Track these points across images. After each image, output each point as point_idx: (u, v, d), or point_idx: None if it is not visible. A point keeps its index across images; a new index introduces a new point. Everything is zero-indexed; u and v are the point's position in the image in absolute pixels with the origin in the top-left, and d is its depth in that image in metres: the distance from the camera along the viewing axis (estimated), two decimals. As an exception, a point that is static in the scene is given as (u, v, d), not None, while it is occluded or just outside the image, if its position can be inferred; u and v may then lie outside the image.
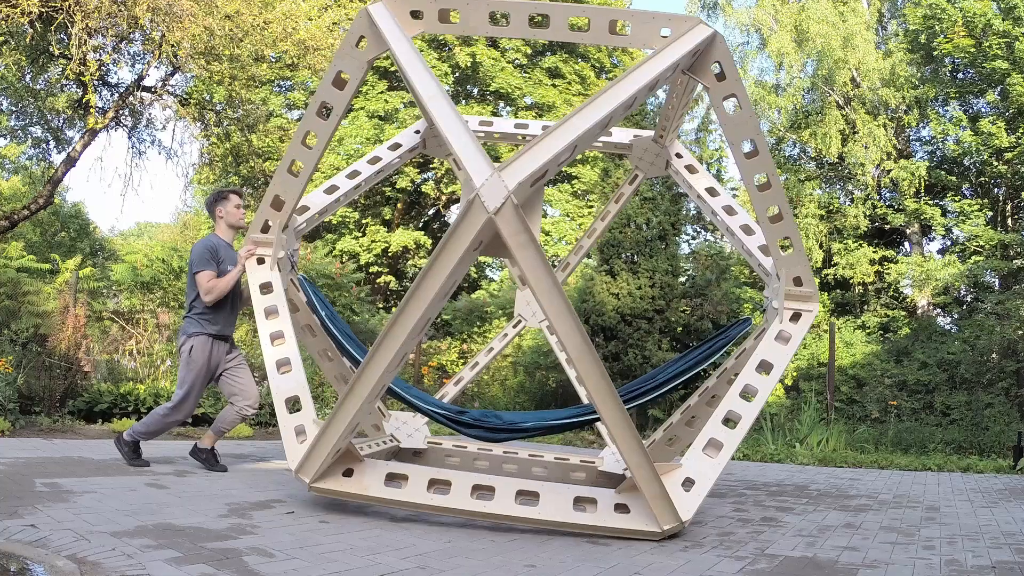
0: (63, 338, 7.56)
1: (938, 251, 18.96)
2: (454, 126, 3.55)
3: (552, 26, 4.34)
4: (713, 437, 4.00)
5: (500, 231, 3.30)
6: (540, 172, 3.40)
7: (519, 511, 3.78)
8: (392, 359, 3.60)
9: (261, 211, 4.92)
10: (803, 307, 4.53)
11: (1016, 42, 14.97)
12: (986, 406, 10.92)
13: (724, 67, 4.11)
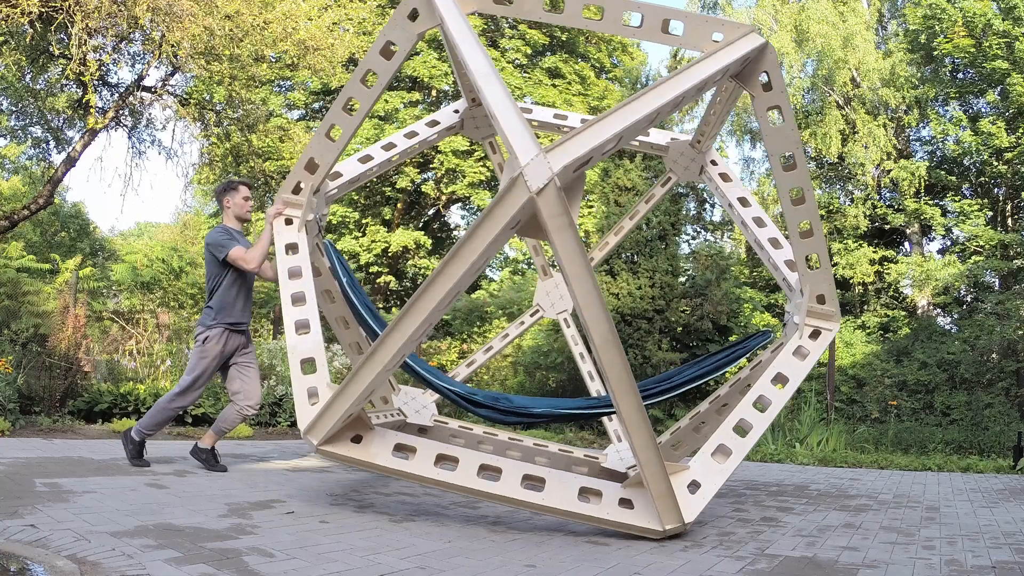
0: (63, 338, 7.57)
1: (938, 251, 18.98)
2: (504, 104, 3.53)
3: (606, 18, 4.37)
4: (723, 443, 4.00)
5: (540, 212, 3.28)
6: (585, 158, 3.39)
7: (524, 495, 3.75)
8: (416, 329, 3.57)
9: (294, 172, 4.92)
10: (824, 325, 4.55)
11: (1016, 42, 14.97)
12: (986, 406, 10.92)
13: (772, 78, 4.14)
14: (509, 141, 3.36)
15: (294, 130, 14.77)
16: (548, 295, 7.26)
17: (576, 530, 3.92)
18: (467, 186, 18.29)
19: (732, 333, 12.50)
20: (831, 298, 4.55)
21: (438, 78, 18.22)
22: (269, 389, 8.71)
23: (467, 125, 6.29)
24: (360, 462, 3.89)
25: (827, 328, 4.52)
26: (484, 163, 18.35)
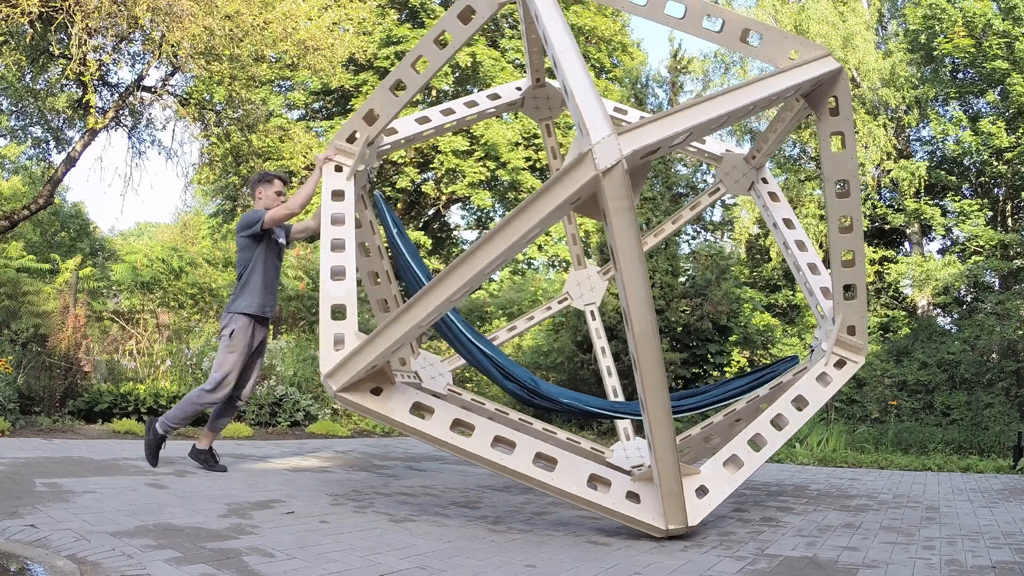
0: (63, 338, 7.56)
1: (938, 251, 18.99)
2: (581, 81, 3.51)
3: (687, 17, 4.41)
4: (736, 454, 4.00)
5: (603, 191, 3.26)
6: (654, 147, 3.38)
7: (534, 472, 3.72)
8: (457, 290, 3.55)
9: (352, 121, 4.93)
10: (851, 356, 4.58)
11: (1016, 42, 14.97)
12: (986, 406, 10.92)
13: (840, 103, 4.17)
14: (583, 117, 3.33)
15: (294, 130, 14.78)
16: (579, 285, 7.28)
17: (576, 530, 3.93)
18: (467, 186, 18.30)
19: (732, 333, 12.50)
20: (861, 331, 4.60)
21: (438, 78, 18.22)
22: (269, 389, 8.71)
23: (527, 104, 6.39)
24: (377, 414, 3.84)
25: (853, 360, 4.57)
26: (484, 163, 18.36)
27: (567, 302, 7.29)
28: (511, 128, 18.69)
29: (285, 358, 9.58)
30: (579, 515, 4.37)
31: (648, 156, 3.44)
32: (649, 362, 3.50)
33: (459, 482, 5.56)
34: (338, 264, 4.33)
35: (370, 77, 18.71)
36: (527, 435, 3.90)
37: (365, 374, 3.82)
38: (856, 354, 4.57)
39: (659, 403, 3.57)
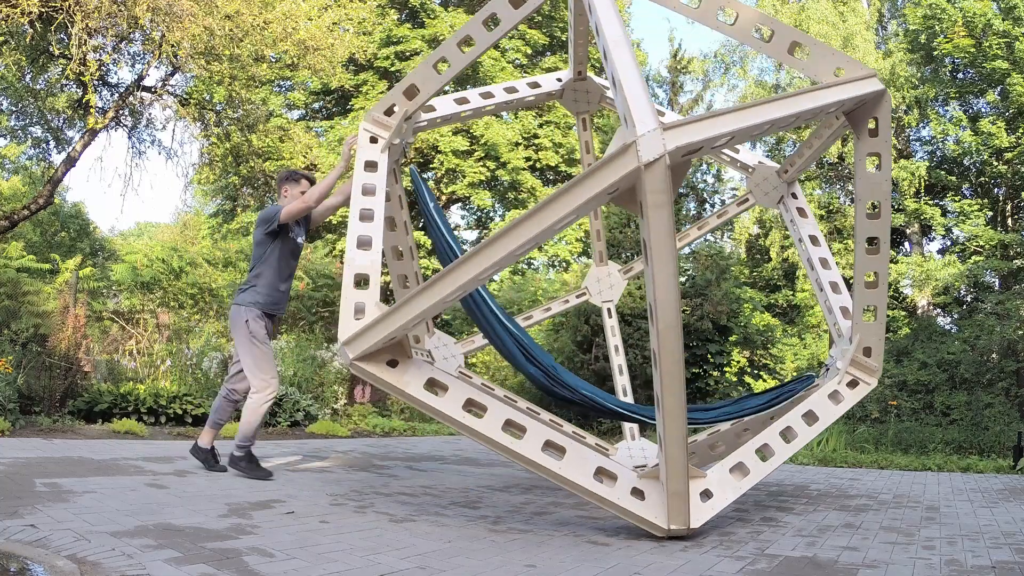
0: (63, 338, 7.56)
1: (938, 251, 18.99)
2: (631, 73, 3.51)
3: (738, 24, 4.48)
4: (743, 462, 4.01)
5: (643, 184, 3.25)
6: (697, 145, 3.38)
7: (542, 460, 3.72)
8: (485, 269, 3.54)
9: (391, 95, 4.94)
10: (864, 378, 4.63)
11: (1016, 42, 14.97)
12: (986, 406, 10.92)
13: (880, 125, 4.20)
14: (630, 109, 3.33)
15: (294, 130, 14.78)
16: (598, 282, 7.29)
17: (576, 530, 3.92)
18: (467, 186, 18.30)
19: (732, 333, 12.50)
20: (877, 353, 4.64)
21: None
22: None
23: (567, 95, 6.42)
24: (391, 386, 3.82)
25: (866, 381, 4.62)
26: (484, 163, 18.36)
27: (585, 297, 7.31)
28: (511, 128, 18.69)
29: (285, 358, 9.58)
30: (579, 515, 4.37)
31: (689, 155, 3.44)
32: (670, 358, 3.49)
33: (459, 482, 5.56)
34: (365, 234, 4.32)
35: (370, 77, 18.71)
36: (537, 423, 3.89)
37: (383, 345, 3.79)
38: (870, 376, 4.63)
39: (675, 400, 3.56)
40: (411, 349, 3.94)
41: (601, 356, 11.07)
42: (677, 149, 3.26)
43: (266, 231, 5.18)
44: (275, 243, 5.20)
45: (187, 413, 7.93)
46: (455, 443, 8.98)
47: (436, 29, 18.26)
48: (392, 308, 3.73)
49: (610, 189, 3.35)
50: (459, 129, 18.38)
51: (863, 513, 4.78)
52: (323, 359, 10.05)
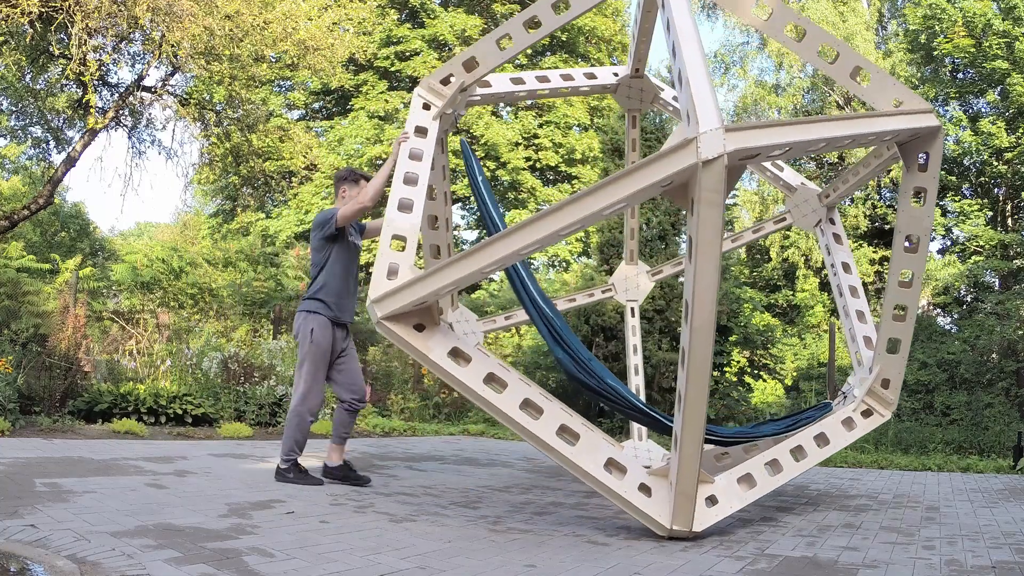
0: (63, 338, 7.56)
1: (938, 251, 18.99)
2: (700, 71, 3.50)
3: (804, 43, 4.60)
4: (751, 473, 4.01)
5: (699, 181, 3.24)
6: (755, 151, 3.39)
7: (556, 443, 3.71)
8: (526, 245, 3.54)
9: (449, 64, 4.96)
10: (879, 409, 4.65)
11: (1016, 42, 14.97)
12: (986, 406, 10.92)
13: (931, 161, 4.26)
14: (694, 106, 3.31)
15: (294, 130, 14.78)
16: (626, 280, 7.35)
17: (576, 530, 3.92)
18: (467, 186, 18.29)
19: (732, 333, 12.50)
20: (896, 386, 4.68)
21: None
22: (269, 389, 8.71)
23: (621, 91, 6.49)
24: (414, 349, 3.82)
25: (880, 413, 4.63)
26: (484, 163, 18.36)
27: (610, 293, 7.33)
28: (511, 128, 18.70)
29: (285, 358, 9.57)
30: (579, 515, 4.37)
31: (746, 159, 3.44)
32: (700, 356, 3.48)
33: (459, 482, 5.56)
34: (407, 197, 4.33)
35: (370, 77, 18.73)
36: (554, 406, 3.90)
37: (412, 308, 3.80)
38: (885, 408, 4.66)
39: (698, 398, 3.55)
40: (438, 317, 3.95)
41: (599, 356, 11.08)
42: (736, 151, 3.26)
43: (323, 236, 4.93)
44: (334, 247, 4.95)
45: (187, 413, 7.94)
46: (455, 443, 8.98)
47: (436, 29, 18.27)
48: (426, 272, 3.73)
49: (664, 181, 3.34)
50: (459, 129, 18.39)
51: (863, 513, 4.78)
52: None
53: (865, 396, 4.63)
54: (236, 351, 9.15)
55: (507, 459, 7.40)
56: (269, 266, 15.30)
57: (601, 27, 20.45)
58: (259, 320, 12.65)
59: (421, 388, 12.39)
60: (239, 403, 8.42)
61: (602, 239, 12.27)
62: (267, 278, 13.42)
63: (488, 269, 3.68)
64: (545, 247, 3.78)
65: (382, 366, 12.28)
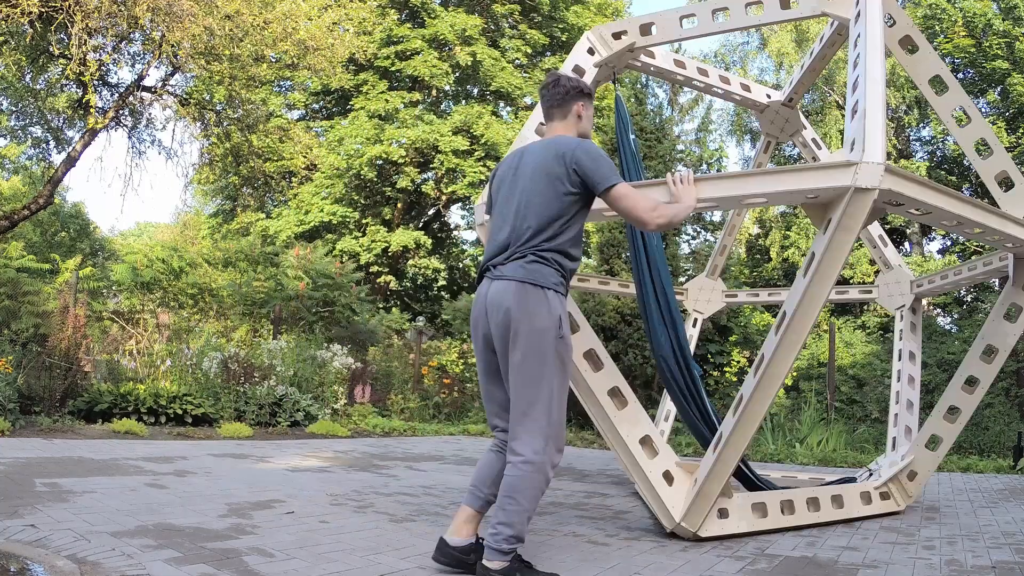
0: (63, 338, 7.56)
1: (938, 251, 19.01)
2: (879, 108, 3.50)
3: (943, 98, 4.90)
4: (766, 504, 4.02)
5: (844, 205, 3.24)
6: (903, 199, 3.39)
7: (604, 401, 3.72)
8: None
9: (627, 22, 5.00)
10: (897, 497, 4.72)
11: (1016, 42, 14.98)
12: (986, 406, 10.92)
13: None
14: (865, 136, 3.32)
15: (294, 130, 14.79)
16: (700, 291, 7.46)
17: (576, 530, 3.92)
18: (467, 186, 18.30)
19: (732, 333, 12.50)
20: (920, 482, 4.77)
21: (439, 77, 18.22)
22: (269, 389, 8.71)
23: (767, 114, 6.49)
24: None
25: (897, 502, 4.68)
26: (484, 163, 18.36)
27: (681, 298, 7.43)
28: (511, 128, 18.69)
29: (285, 358, 9.58)
30: (579, 515, 4.37)
31: (891, 203, 3.45)
32: (778, 368, 3.49)
33: (459, 482, 5.56)
34: None
35: (370, 77, 18.72)
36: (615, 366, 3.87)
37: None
38: (903, 498, 4.72)
39: (760, 407, 3.56)
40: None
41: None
42: (889, 192, 3.26)
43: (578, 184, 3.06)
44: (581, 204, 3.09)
45: (187, 413, 7.94)
46: (455, 443, 8.98)
47: (436, 29, 18.27)
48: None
49: (812, 193, 3.33)
50: (459, 128, 18.39)
51: (863, 513, 4.78)
52: (323, 359, 10.05)
53: (889, 481, 4.70)
54: (236, 351, 9.15)
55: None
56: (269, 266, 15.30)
57: (601, 27, 20.44)
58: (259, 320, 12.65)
59: (421, 388, 12.39)
60: (239, 403, 8.42)
61: (602, 239, 12.27)
62: (267, 278, 13.41)
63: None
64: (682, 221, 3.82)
65: (382, 366, 12.28)
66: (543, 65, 20.12)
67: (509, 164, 3.17)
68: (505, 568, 2.75)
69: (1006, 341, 4.41)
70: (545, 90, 3.20)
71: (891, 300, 6.24)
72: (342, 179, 18.50)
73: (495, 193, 3.18)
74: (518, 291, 2.86)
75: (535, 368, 2.82)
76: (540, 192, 2.96)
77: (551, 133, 3.19)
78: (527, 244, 2.93)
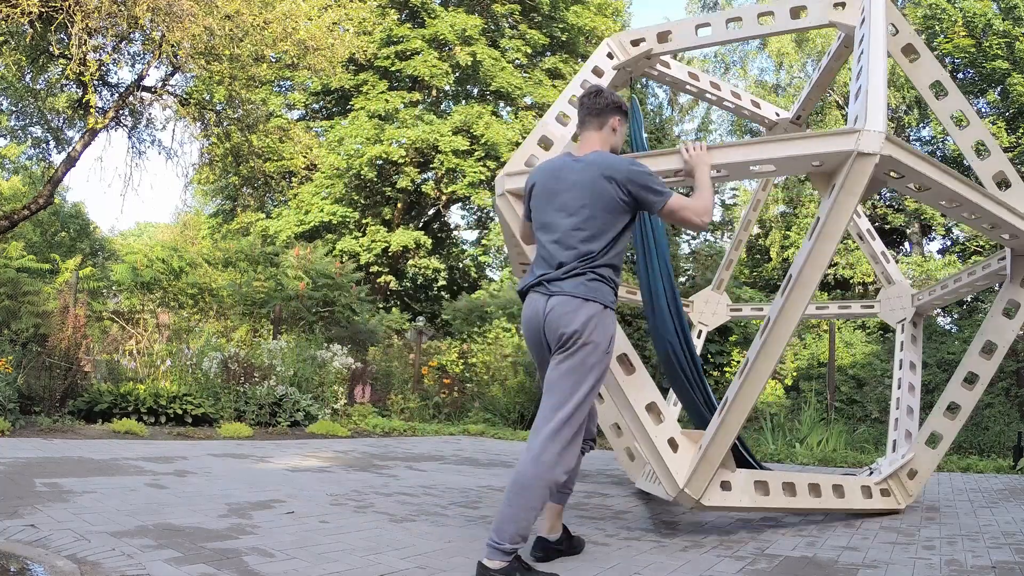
0: (63, 338, 7.56)
1: (938, 251, 19.00)
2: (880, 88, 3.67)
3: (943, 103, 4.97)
4: (768, 483, 4.06)
5: (848, 170, 3.45)
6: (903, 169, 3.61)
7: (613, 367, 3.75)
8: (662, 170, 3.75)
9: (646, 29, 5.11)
10: (897, 495, 4.71)
11: (1016, 42, 14.98)
12: (986, 406, 10.92)
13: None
14: (867, 109, 3.52)
15: (294, 130, 14.79)
16: (706, 304, 7.68)
17: (576, 530, 3.92)
18: (467, 186, 18.31)
19: (732, 333, 12.50)
20: (920, 481, 4.81)
21: (439, 77, 18.22)
22: (269, 389, 8.71)
23: (774, 131, 6.71)
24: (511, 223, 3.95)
25: (897, 500, 4.68)
26: (484, 163, 18.36)
27: (688, 309, 7.56)
28: (511, 128, 18.70)
29: (285, 358, 9.58)
30: (579, 515, 4.37)
31: (889, 174, 3.64)
32: (783, 327, 3.61)
33: (459, 482, 5.56)
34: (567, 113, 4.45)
35: (370, 77, 18.72)
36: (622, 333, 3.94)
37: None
38: (903, 497, 4.72)
39: (765, 370, 3.66)
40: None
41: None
42: (889, 159, 3.47)
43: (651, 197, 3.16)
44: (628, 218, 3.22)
45: (187, 413, 7.94)
46: (455, 443, 8.98)
47: (436, 29, 18.27)
48: None
49: (816, 159, 3.53)
50: (459, 128, 18.38)
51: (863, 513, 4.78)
52: (323, 359, 10.05)
53: (890, 477, 4.72)
54: (236, 351, 9.15)
55: (507, 459, 7.40)
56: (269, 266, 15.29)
57: (601, 27, 20.45)
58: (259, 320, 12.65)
59: (421, 388, 12.39)
60: (239, 403, 8.42)
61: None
62: (267, 278, 13.41)
63: None
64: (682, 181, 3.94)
65: (382, 366, 12.28)
66: (543, 65, 20.13)
67: (549, 175, 3.24)
68: (505, 568, 2.75)
69: (1005, 337, 4.52)
70: (587, 98, 3.33)
71: (893, 314, 6.43)
72: (342, 179, 18.50)
73: (535, 203, 3.26)
74: (582, 308, 2.97)
75: (578, 376, 2.94)
76: (591, 210, 3.07)
77: (585, 142, 3.31)
78: (584, 262, 3.04)
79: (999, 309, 4.54)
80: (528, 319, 3.13)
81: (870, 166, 3.40)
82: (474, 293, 17.82)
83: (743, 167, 3.59)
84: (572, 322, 2.94)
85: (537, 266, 3.19)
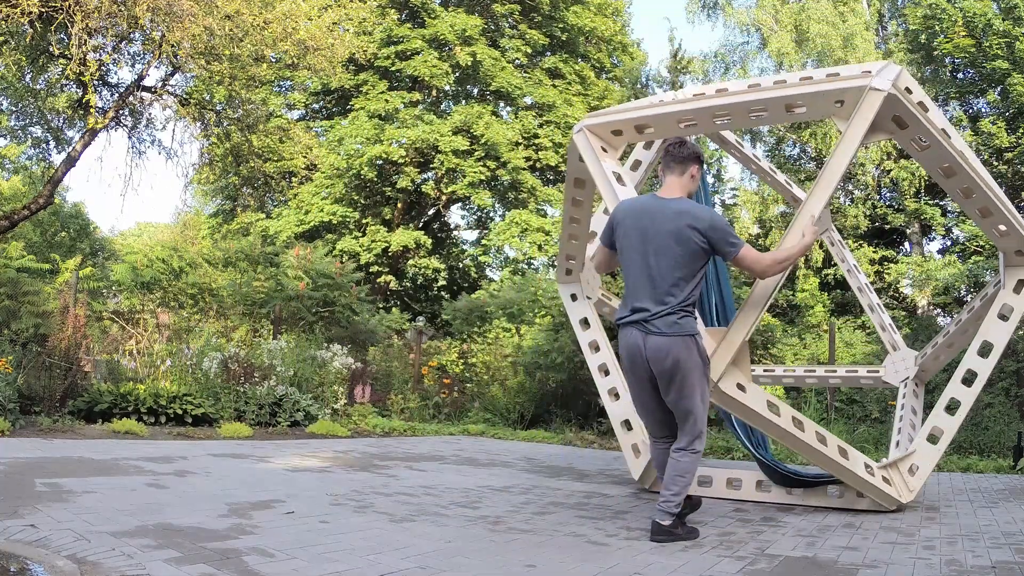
0: (63, 338, 7.56)
1: (938, 251, 19.00)
2: None
3: None
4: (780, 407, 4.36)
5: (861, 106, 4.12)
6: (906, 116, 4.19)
7: None
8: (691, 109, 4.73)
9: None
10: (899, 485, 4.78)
11: (1016, 42, 14.97)
12: (986, 406, 10.91)
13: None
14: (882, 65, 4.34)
15: (294, 130, 14.78)
16: None
17: (576, 530, 3.92)
18: (467, 186, 18.31)
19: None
20: (921, 477, 4.88)
21: (439, 77, 18.22)
22: (269, 389, 8.71)
23: None
24: None
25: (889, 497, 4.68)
26: (484, 163, 18.37)
27: None
28: (511, 128, 18.70)
29: (285, 358, 9.57)
30: (579, 515, 4.37)
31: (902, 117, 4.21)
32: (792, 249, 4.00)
33: (459, 482, 5.56)
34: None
35: (370, 77, 18.72)
36: None
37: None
38: (903, 491, 4.75)
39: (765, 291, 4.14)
40: None
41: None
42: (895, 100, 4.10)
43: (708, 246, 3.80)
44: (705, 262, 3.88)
45: (187, 413, 7.94)
46: (455, 443, 8.98)
47: (436, 29, 18.27)
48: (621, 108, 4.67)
49: (836, 94, 4.22)
50: (459, 128, 18.38)
51: (863, 513, 4.77)
52: (323, 359, 10.05)
53: (889, 468, 4.78)
54: (236, 351, 9.15)
55: (507, 459, 7.40)
56: (269, 266, 15.29)
57: (601, 27, 20.46)
58: (259, 320, 12.65)
59: (421, 388, 12.38)
60: (239, 403, 8.42)
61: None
62: (267, 278, 13.40)
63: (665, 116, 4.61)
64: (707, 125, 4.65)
65: (382, 366, 12.28)
66: (543, 65, 20.14)
67: (638, 215, 3.85)
68: (673, 522, 3.73)
69: (1000, 339, 4.92)
70: (673, 147, 3.93)
71: (896, 375, 7.09)
72: (342, 179, 18.50)
73: (625, 241, 3.85)
74: (681, 344, 3.69)
75: (694, 391, 3.75)
76: (677, 257, 3.71)
77: (668, 185, 3.91)
78: (675, 302, 3.70)
79: (995, 313, 4.91)
80: (630, 351, 3.81)
81: (880, 99, 4.06)
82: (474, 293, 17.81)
83: (779, 103, 4.30)
84: (669, 357, 3.68)
85: (632, 298, 3.81)
